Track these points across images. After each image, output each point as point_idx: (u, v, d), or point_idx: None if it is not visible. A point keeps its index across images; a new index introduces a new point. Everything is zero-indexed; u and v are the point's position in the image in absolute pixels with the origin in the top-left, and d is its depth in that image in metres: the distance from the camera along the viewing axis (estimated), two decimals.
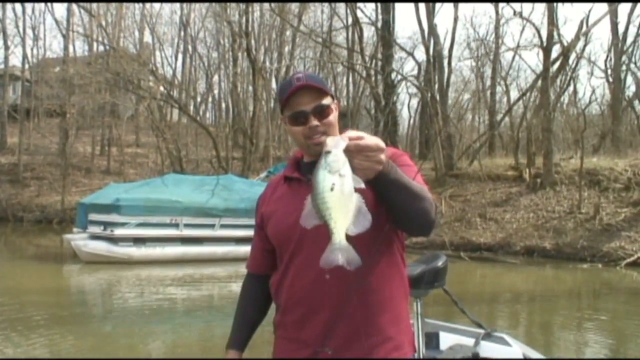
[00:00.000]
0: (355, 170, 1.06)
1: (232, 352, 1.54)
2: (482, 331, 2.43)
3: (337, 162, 1.03)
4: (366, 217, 1.05)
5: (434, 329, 2.39)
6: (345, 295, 1.30)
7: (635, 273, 10.92)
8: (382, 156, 1.10)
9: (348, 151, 1.04)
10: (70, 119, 23.45)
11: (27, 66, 27.96)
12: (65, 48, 25.66)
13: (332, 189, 1.01)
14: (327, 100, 1.39)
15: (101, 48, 25.65)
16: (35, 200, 21.94)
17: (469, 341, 2.35)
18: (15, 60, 30.58)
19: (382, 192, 1.19)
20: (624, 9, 19.77)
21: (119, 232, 10.59)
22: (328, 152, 1.04)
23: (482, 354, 2.27)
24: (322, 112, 1.37)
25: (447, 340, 2.37)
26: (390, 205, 1.22)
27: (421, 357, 2.02)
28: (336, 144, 1.03)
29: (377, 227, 1.28)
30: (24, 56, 27.81)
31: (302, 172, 1.43)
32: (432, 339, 2.31)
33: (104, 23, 23.26)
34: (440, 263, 2.18)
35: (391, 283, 1.37)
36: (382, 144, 1.11)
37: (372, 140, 1.09)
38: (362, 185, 1.05)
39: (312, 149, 1.40)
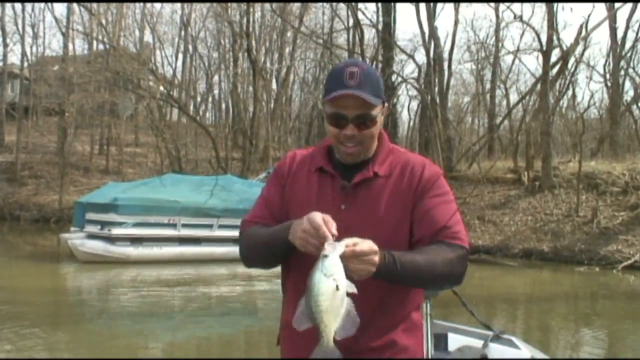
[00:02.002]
0: (352, 273, 1.12)
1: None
2: (490, 333, 2.43)
3: (333, 267, 1.08)
4: (354, 321, 1.10)
5: (442, 330, 2.38)
6: (363, 313, 1.28)
7: (632, 276, 10.93)
8: (376, 258, 1.15)
9: (344, 256, 1.11)
10: (69, 117, 23.38)
11: (26, 64, 27.87)
12: (65, 46, 25.59)
13: (326, 293, 1.06)
14: (375, 111, 1.31)
15: (101, 47, 25.60)
16: (32, 199, 21.87)
17: (478, 343, 2.35)
18: (14, 58, 30.37)
19: (392, 281, 1.24)
20: (622, 14, 19.84)
21: (116, 231, 10.55)
22: (325, 256, 1.09)
23: (491, 356, 2.27)
24: (364, 123, 1.30)
25: (455, 341, 2.36)
26: (407, 286, 1.31)
27: (430, 358, 2.02)
28: (333, 249, 1.09)
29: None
30: (23, 54, 27.70)
31: (335, 168, 1.38)
32: (440, 340, 2.31)
33: (104, 22, 23.22)
34: None
35: (409, 298, 1.37)
36: (375, 247, 1.15)
37: (366, 245, 1.14)
38: (355, 290, 1.09)
39: (341, 153, 1.36)
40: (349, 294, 1.09)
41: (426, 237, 1.29)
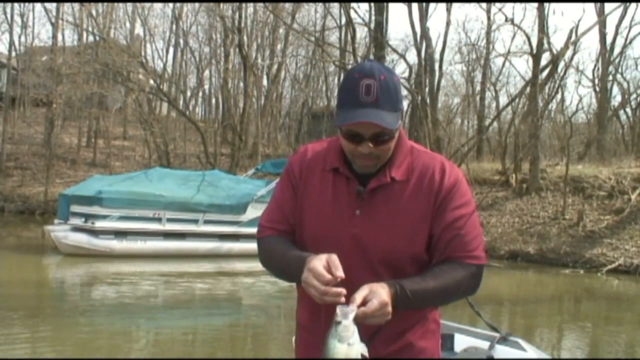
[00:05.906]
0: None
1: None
2: (497, 335, 2.43)
3: (346, 332, 1.12)
4: None
5: (449, 330, 2.38)
6: None
7: (616, 280, 11.05)
8: (389, 308, 1.15)
9: (357, 318, 1.14)
10: (56, 109, 23.06)
11: (14, 54, 27.44)
12: (54, 37, 25.23)
13: (340, 357, 1.11)
14: (392, 126, 1.23)
15: (91, 38, 25.32)
16: (17, 191, 21.55)
17: (484, 344, 2.35)
18: (2, 47, 30.08)
19: (407, 309, 1.25)
20: (612, 20, 20.06)
21: (100, 224, 10.41)
22: (338, 323, 1.12)
23: (497, 357, 2.26)
24: (381, 140, 1.24)
25: (462, 342, 2.36)
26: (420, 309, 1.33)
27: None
28: (345, 315, 1.12)
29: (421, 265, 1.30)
30: (11, 43, 27.16)
31: (350, 169, 1.32)
32: (447, 341, 2.30)
33: (94, 13, 22.95)
34: None
35: None
36: (386, 298, 1.13)
37: (375, 302, 1.13)
38: (366, 354, 1.12)
39: (356, 165, 1.30)
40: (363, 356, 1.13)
41: (444, 254, 1.28)
